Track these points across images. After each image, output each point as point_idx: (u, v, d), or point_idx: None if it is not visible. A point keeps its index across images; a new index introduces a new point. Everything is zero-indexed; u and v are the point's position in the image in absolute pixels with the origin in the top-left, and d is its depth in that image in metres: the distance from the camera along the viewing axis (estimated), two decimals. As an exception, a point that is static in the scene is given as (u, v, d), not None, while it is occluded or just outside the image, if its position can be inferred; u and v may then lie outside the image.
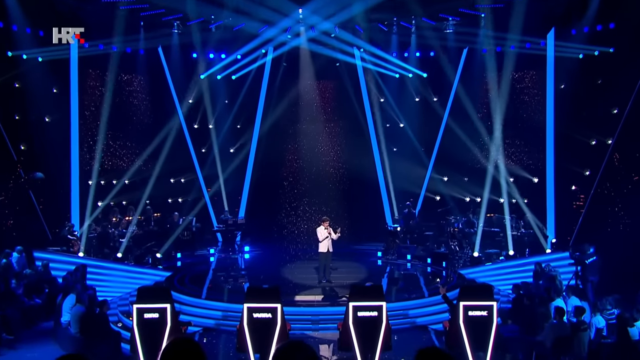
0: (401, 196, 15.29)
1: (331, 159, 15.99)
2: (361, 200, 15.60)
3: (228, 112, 15.75)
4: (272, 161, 15.45)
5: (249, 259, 13.66)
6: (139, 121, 14.79)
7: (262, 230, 15.12)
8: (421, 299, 9.35)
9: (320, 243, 10.02)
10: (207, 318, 8.68)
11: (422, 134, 15.57)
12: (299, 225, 15.75)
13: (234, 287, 10.52)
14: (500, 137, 13.44)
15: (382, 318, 6.31)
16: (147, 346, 6.12)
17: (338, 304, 8.84)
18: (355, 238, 14.78)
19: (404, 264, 12.74)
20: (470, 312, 6.36)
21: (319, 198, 15.48)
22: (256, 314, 6.23)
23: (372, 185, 15.35)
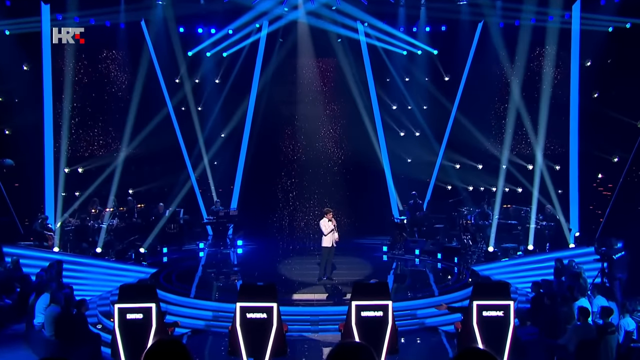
0: (409, 185, 15.31)
1: (332, 145, 15.88)
2: (365, 189, 15.57)
3: (219, 93, 15.67)
4: (267, 147, 15.44)
5: (242, 254, 13.69)
6: (118, 102, 14.67)
7: (257, 223, 15.14)
8: (431, 297, 9.37)
9: (324, 237, 10.00)
10: (196, 319, 8.69)
11: (432, 117, 15.48)
12: (297, 218, 15.73)
13: (226, 285, 10.60)
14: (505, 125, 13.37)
15: (387, 318, 6.28)
16: (130, 350, 6.12)
17: (339, 303, 8.89)
18: (359, 231, 14.80)
19: (411, 260, 12.76)
20: (485, 313, 6.34)
21: (318, 187, 15.47)
22: (250, 314, 6.22)
23: (377, 173, 15.28)
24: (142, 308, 6.18)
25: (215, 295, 9.71)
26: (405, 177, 15.55)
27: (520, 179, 13.94)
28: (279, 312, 6.33)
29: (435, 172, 15.57)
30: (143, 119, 14.46)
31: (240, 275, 11.54)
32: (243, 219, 14.80)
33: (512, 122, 13.85)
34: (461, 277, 10.85)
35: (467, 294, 8.77)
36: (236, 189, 15.76)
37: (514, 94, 13.75)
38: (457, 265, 11.89)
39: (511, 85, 13.96)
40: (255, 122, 15.63)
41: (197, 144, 15.37)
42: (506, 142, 14.00)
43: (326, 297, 9.51)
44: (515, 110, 13.78)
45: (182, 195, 14.69)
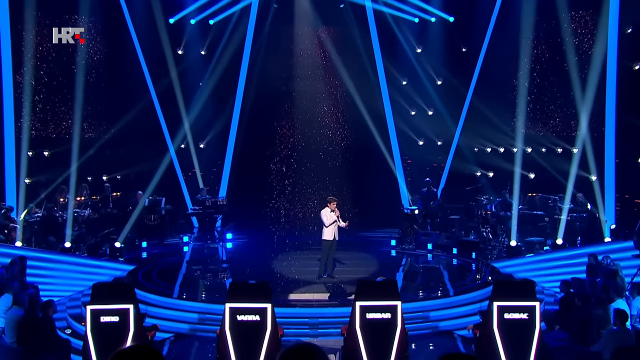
0: (421, 171, 15.28)
1: (334, 126, 15.89)
2: (371, 176, 15.61)
3: (205, 66, 15.55)
4: (260, 128, 15.44)
5: (231, 249, 13.79)
6: (90, 76, 14.52)
7: (248, 214, 15.19)
8: (445, 298, 9.45)
9: (325, 228, 9.99)
10: (179, 322, 8.70)
11: (447, 93, 15.41)
12: (294, 208, 15.78)
13: (213, 284, 10.69)
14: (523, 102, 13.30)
15: (396, 321, 6.26)
16: (104, 357, 6.15)
17: (342, 304, 8.89)
18: (364, 223, 14.86)
19: (423, 255, 12.82)
20: (507, 315, 6.31)
21: (318, 174, 15.50)
22: (241, 316, 6.22)
23: (384, 157, 15.34)
24: (118, 310, 6.18)
25: (202, 295, 9.77)
26: (416, 161, 15.55)
27: (542, 163, 13.92)
28: (273, 314, 6.32)
29: (450, 155, 15.57)
30: (119, 95, 14.32)
31: (229, 273, 11.61)
32: (233, 209, 14.83)
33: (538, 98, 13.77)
34: (480, 274, 10.92)
35: (486, 293, 8.70)
36: (225, 176, 15.75)
37: (541, 67, 13.62)
38: (475, 261, 11.96)
39: (538, 57, 13.83)
40: (247, 100, 15.59)
41: (181, 124, 15.35)
42: (531, 121, 14.05)
43: (327, 297, 9.56)
44: (542, 85, 13.66)
45: (163, 183, 14.76)
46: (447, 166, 15.62)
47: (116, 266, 11.36)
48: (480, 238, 13.05)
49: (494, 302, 6.31)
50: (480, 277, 10.66)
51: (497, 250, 12.74)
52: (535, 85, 14.44)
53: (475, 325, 7.08)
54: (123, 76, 14.34)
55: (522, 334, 6.22)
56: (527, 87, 14.17)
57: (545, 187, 13.83)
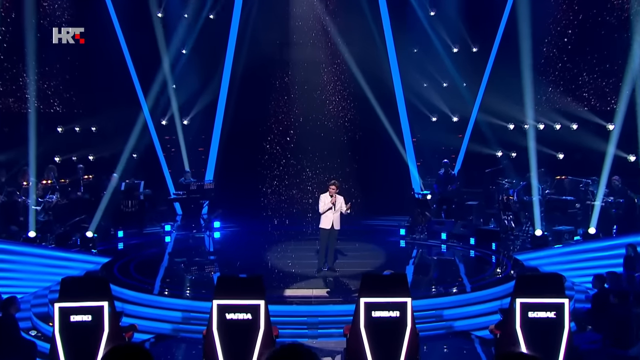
0: (434, 151, 15.17)
1: (336, 99, 15.94)
2: (378, 157, 15.59)
3: (188, 31, 15.44)
4: (252, 102, 15.50)
5: (220, 239, 13.79)
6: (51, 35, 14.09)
7: (238, 199, 15.22)
8: (461, 294, 9.45)
9: (322, 215, 9.97)
10: (161, 321, 8.70)
11: (464, 61, 15.24)
12: (290, 193, 15.76)
13: (199, 278, 10.72)
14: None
15: (406, 320, 6.24)
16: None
17: (345, 301, 8.93)
18: (369, 210, 14.88)
19: (437, 246, 12.86)
20: (531, 314, 6.30)
21: (318, 154, 15.48)
22: (230, 314, 6.22)
23: (393, 136, 15.43)
24: (91, 308, 6.18)
25: (186, 292, 9.78)
26: (428, 140, 15.51)
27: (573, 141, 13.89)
28: (267, 312, 6.29)
29: (467, 133, 15.50)
30: (89, 61, 14.18)
31: (217, 266, 11.66)
32: (221, 194, 14.85)
33: (570, 67, 13.68)
34: (501, 268, 10.93)
35: (508, 289, 8.69)
36: (212, 156, 15.72)
37: (574, 30, 13.48)
38: (496, 253, 11.98)
39: (570, 19, 13.67)
40: (237, 70, 15.52)
41: (162, 97, 15.31)
42: (560, 94, 13.97)
43: (327, 293, 9.59)
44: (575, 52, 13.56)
45: (142, 164, 14.65)
46: (464, 146, 15.58)
47: (88, 258, 11.35)
48: (501, 227, 13.05)
49: (517, 299, 6.30)
50: (501, 271, 10.68)
51: (520, 241, 12.75)
52: (567, 52, 14.30)
53: (495, 325, 7.06)
54: (94, 40, 14.12)
55: (549, 335, 6.21)
56: (556, 54, 14.03)
57: (576, 168, 13.79)
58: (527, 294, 6.31)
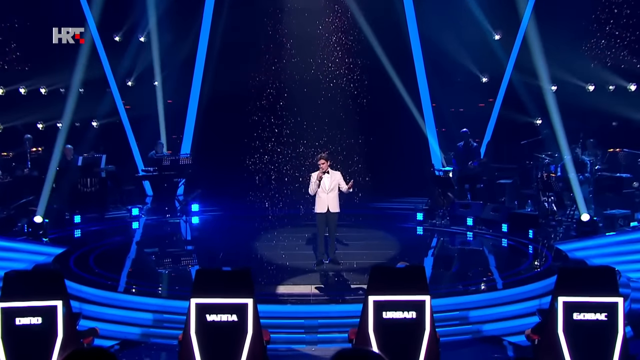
0: (458, 120, 15.15)
1: (340, 57, 15.87)
2: (390, 127, 15.55)
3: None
4: (237, 60, 15.50)
5: (199, 225, 13.88)
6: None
7: (221, 178, 15.26)
8: (491, 291, 9.49)
9: (317, 198, 10.01)
10: (127, 324, 8.70)
11: (496, 8, 15.14)
12: (284, 170, 15.81)
13: (174, 272, 10.79)
14: None
15: (424, 323, 6.19)
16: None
17: (349, 300, 8.99)
18: (381, 191, 14.98)
19: (461, 234, 12.95)
20: (577, 316, 6.24)
21: (317, 125, 15.45)
22: (212, 315, 6.16)
23: (408, 102, 15.32)
24: (41, 308, 6.11)
25: (158, 289, 9.78)
26: (452, 105, 15.53)
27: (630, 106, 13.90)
28: (256, 313, 6.23)
29: (499, 97, 15.48)
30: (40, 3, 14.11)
31: (196, 258, 11.75)
32: (200, 171, 14.88)
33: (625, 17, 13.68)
34: (540, 260, 10.96)
35: (548, 286, 8.71)
36: (189, 125, 15.70)
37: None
38: (534, 242, 11.99)
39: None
40: (218, 20, 15.53)
41: (128, 51, 15.39)
42: (615, 49, 14.05)
43: (329, 290, 9.62)
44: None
45: (104, 134, 14.75)
46: (495, 112, 15.59)
47: (38, 249, 11.30)
48: (540, 210, 13.07)
49: (559, 297, 6.21)
50: (540, 264, 10.70)
51: (563, 227, 12.78)
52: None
53: (532, 330, 7.02)
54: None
55: (599, 342, 6.14)
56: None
57: (634, 139, 13.80)
58: (571, 291, 6.23)
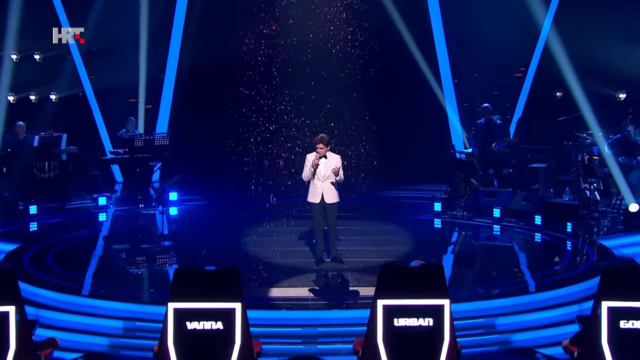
0: (483, 92, 15.16)
1: (345, 24, 15.90)
2: (404, 101, 15.58)
3: None
4: (224, 25, 15.57)
5: (178, 217, 13.98)
6: None
7: (204, 161, 15.33)
8: (522, 295, 9.49)
9: (311, 185, 10.05)
10: (93, 334, 8.64)
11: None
12: (277, 152, 15.90)
13: (149, 272, 10.85)
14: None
15: (442, 331, 6.13)
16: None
17: (355, 305, 9.08)
18: (391, 176, 15.09)
19: (487, 227, 13.04)
20: (624, 324, 6.19)
21: (317, 98, 15.50)
22: (193, 322, 6.10)
23: (425, 71, 15.42)
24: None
25: (130, 292, 9.66)
26: (476, 75, 15.52)
27: None
28: (244, 320, 6.17)
29: (533, 65, 15.46)
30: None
31: (174, 255, 11.81)
32: (179, 154, 14.91)
33: None
34: (580, 258, 10.98)
35: (590, 289, 8.80)
36: (166, 99, 15.82)
37: None
38: (573, 236, 12.01)
39: None
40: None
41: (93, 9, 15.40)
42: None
43: (330, 293, 9.66)
44: None
45: (64, 109, 14.79)
46: (527, 83, 15.59)
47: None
48: (580, 199, 13.05)
49: (604, 302, 6.15)
50: (581, 263, 10.69)
51: (608, 220, 12.77)
52: None
53: (571, 340, 6.99)
54: None
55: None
56: None
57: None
58: (618, 295, 6.17)
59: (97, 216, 13.58)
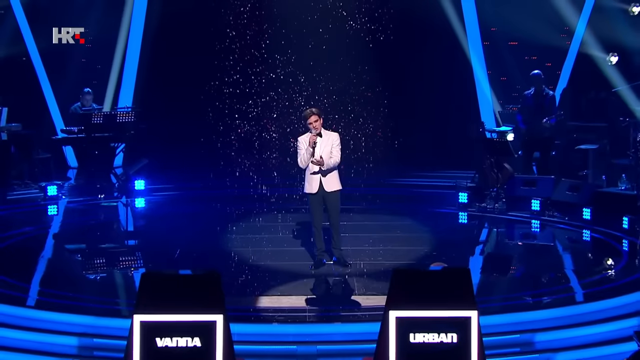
0: (521, 55, 15.24)
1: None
2: (422, 73, 15.74)
3: None
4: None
5: (146, 210, 14.15)
6: None
7: (177, 142, 15.46)
8: (568, 306, 9.45)
9: (306, 172, 10.14)
10: (41, 353, 8.60)
11: None
12: (268, 132, 16.11)
13: (110, 277, 11.00)
14: None
15: (468, 350, 6.14)
16: None
17: (362, 317, 9.21)
18: (406, 160, 15.27)
19: (524, 222, 13.13)
20: None
21: (316, 67, 15.69)
22: (165, 339, 6.11)
23: (448, 34, 15.65)
24: None
25: (86, 301, 9.72)
26: (511, 35, 15.57)
27: None
28: (227, 336, 6.19)
29: (582, 22, 15.42)
30: None
31: (141, 256, 11.96)
32: (147, 133, 15.00)
33: None
34: (639, 261, 11.21)
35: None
36: (130, 68, 16.00)
37: None
38: (630, 234, 12.09)
39: None
40: None
41: None
42: None
43: (331, 303, 9.76)
44: None
45: (5, 80, 14.91)
46: (575, 44, 15.73)
47: None
48: (639, 189, 13.04)
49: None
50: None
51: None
52: None
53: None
54: None
55: None
56: None
57: None
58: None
59: (45, 209, 13.66)
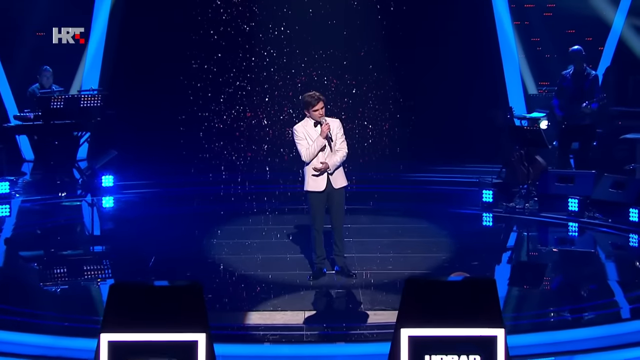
0: (556, 29, 15.37)
1: None
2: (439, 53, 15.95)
3: None
4: None
5: (115, 210, 14.20)
6: None
7: (151, 131, 15.61)
8: (611, 323, 9.48)
9: (307, 168, 10.18)
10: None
11: None
12: (258, 120, 16.27)
13: (72, 290, 11.05)
14: None
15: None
16: None
17: (369, 336, 9.29)
18: (424, 154, 15.49)
19: (559, 225, 13.27)
20: None
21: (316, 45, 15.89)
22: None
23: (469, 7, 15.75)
24: None
25: (45, 318, 9.78)
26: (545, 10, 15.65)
27: None
28: (211, 358, 6.07)
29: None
30: None
31: (108, 265, 12.03)
32: (116, 120, 15.17)
33: None
34: None
35: None
36: (95, 44, 16.00)
37: None
38: None
39: None
40: None
41: None
42: None
43: (333, 319, 9.78)
44: None
45: None
46: (621, 17, 15.73)
47: None
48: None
49: None
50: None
51: None
52: None
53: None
54: None
55: None
56: None
57: None
58: None
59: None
